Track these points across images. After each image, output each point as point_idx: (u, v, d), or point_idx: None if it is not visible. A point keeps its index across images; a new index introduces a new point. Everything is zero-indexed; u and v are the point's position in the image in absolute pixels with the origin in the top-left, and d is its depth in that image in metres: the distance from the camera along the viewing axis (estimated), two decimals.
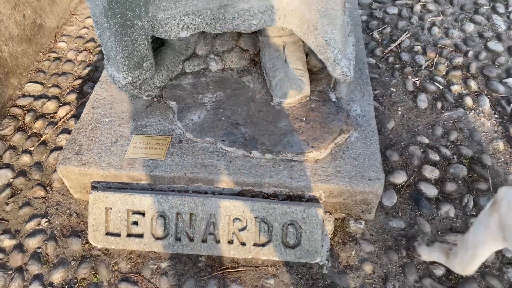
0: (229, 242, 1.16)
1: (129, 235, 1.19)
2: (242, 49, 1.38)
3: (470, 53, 1.70)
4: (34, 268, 1.21)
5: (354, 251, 1.20)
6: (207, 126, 1.25)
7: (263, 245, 1.15)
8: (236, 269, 1.18)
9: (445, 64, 1.68)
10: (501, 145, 1.41)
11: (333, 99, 1.27)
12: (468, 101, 1.54)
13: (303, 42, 1.31)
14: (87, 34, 1.96)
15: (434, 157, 1.40)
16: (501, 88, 1.57)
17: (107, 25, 1.08)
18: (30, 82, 1.73)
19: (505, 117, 1.49)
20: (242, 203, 1.15)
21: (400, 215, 1.27)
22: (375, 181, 1.13)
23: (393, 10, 1.93)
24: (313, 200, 1.17)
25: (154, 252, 1.22)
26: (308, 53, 1.33)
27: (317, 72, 1.33)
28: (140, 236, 1.19)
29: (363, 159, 1.18)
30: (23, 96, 1.68)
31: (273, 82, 1.24)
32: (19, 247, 1.26)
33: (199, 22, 1.14)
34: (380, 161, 1.18)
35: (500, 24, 1.81)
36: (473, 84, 1.59)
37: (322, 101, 1.26)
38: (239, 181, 1.17)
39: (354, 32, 1.52)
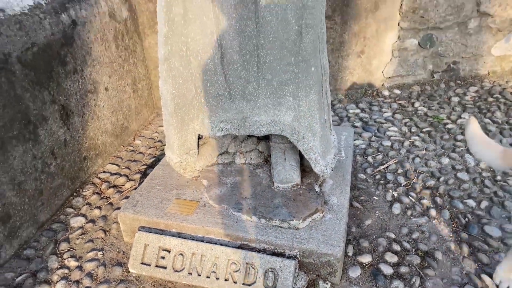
0: (225, 279, 1.58)
1: (157, 266, 1.65)
2: (260, 151, 1.97)
3: (442, 179, 2.16)
4: (86, 282, 1.68)
5: None
6: (224, 198, 1.77)
7: (249, 285, 1.56)
8: None
9: (420, 185, 2.14)
10: (452, 245, 1.78)
11: (316, 190, 1.77)
12: (433, 212, 1.96)
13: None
14: (157, 137, 2.67)
15: (396, 247, 1.79)
16: (461, 206, 1.98)
17: (171, 122, 1.73)
18: (110, 163, 2.39)
19: (459, 227, 1.88)
20: (239, 251, 1.60)
21: (360, 284, 1.64)
22: (336, 247, 1.55)
23: (387, 143, 2.48)
24: (292, 257, 1.59)
25: (172, 282, 1.65)
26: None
27: (309, 171, 1.86)
28: (164, 267, 1.64)
29: (331, 232, 1.62)
30: (103, 172, 2.33)
31: (274, 172, 1.78)
32: (79, 268, 1.75)
33: (229, 127, 1.75)
34: (344, 235, 1.61)
35: (471, 161, 2.28)
36: (439, 201, 2.02)
37: (308, 189, 1.77)
38: (239, 236, 1.64)
39: (345, 151, 2.08)
